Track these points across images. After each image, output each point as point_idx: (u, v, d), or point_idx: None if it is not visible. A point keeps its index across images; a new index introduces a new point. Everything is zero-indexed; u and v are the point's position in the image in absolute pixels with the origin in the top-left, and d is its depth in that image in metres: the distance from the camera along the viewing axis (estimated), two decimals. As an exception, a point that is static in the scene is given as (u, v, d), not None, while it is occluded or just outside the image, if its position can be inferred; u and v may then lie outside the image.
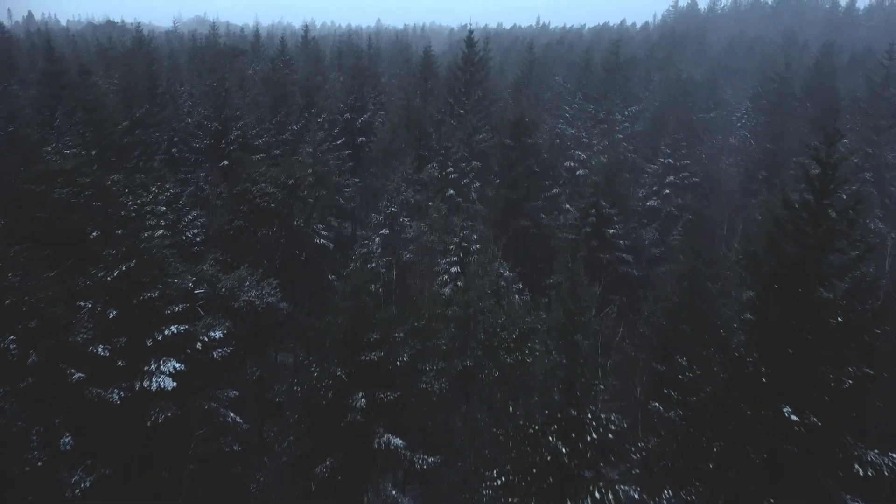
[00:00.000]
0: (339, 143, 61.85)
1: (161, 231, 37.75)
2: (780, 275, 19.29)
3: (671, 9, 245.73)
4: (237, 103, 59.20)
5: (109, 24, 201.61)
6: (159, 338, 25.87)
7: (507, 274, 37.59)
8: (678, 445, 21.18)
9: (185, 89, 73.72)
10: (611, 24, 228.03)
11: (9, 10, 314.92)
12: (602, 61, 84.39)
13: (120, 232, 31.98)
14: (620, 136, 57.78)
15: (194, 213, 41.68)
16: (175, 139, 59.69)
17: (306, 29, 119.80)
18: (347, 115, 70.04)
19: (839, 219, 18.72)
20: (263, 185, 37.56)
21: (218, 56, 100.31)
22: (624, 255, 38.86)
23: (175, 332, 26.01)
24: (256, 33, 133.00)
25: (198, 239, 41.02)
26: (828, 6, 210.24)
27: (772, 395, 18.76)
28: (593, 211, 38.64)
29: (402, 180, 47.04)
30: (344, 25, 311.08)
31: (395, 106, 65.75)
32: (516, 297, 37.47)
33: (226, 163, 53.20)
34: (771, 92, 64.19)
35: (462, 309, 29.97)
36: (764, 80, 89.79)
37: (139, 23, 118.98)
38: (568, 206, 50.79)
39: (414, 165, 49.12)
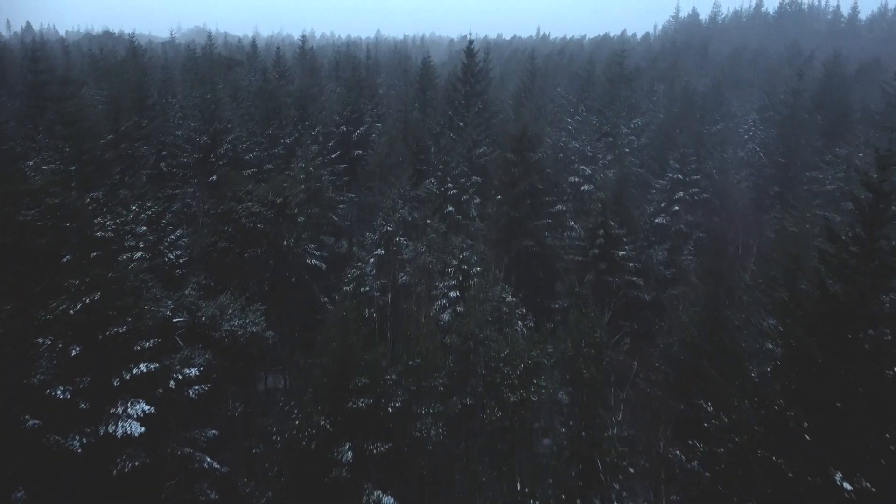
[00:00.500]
0: (333, 156, 59.56)
1: (140, 254, 35.68)
2: (825, 316, 16.83)
3: (672, 19, 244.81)
4: (228, 116, 57.02)
5: (106, 34, 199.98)
6: (127, 377, 23.42)
7: (509, 299, 35.20)
8: (705, 506, 18.73)
9: (177, 101, 71.61)
10: (611, 34, 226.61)
11: (7, 20, 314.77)
12: (606, 72, 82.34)
13: (95, 255, 29.84)
14: (626, 149, 55.52)
15: (178, 233, 39.35)
16: (163, 153, 57.46)
17: (304, 39, 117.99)
18: (343, 128, 67.74)
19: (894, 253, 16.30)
20: (250, 203, 35.21)
21: (213, 67, 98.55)
22: (634, 279, 36.43)
23: (145, 370, 23.55)
24: (253, 44, 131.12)
25: (181, 261, 38.65)
26: (830, 17, 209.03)
27: (818, 455, 16.31)
28: (601, 231, 36.26)
29: (398, 197, 44.73)
30: (344, 36, 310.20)
31: (393, 118, 63.60)
32: (519, 323, 35.09)
33: (214, 178, 50.96)
34: (782, 104, 61.96)
35: (461, 341, 27.53)
36: (771, 91, 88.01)
37: (133, 33, 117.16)
38: (573, 223, 48.48)
39: (411, 181, 46.81)
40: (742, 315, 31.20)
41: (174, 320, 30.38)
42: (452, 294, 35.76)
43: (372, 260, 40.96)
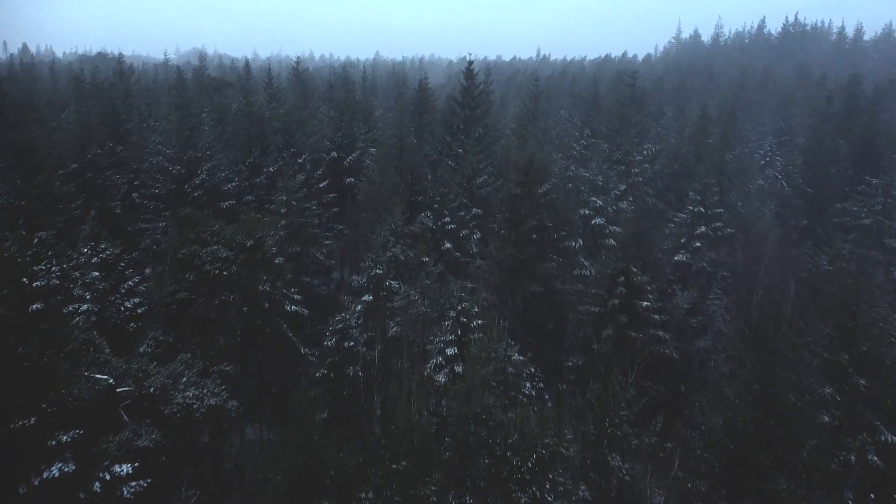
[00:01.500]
0: (321, 185, 54.88)
1: (87, 306, 30.88)
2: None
3: (673, 40, 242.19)
4: (208, 142, 52.52)
5: (100, 56, 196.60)
6: (36, 483, 18.53)
7: (516, 357, 30.30)
8: None
9: (159, 125, 67.15)
10: (613, 55, 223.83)
11: (4, 42, 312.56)
12: (614, 94, 78.29)
13: (36, 307, 25.12)
14: (640, 178, 50.93)
15: (136, 279, 34.57)
16: (135, 182, 52.89)
17: (297, 60, 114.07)
18: (334, 154, 63.23)
19: None
20: (216, 247, 30.42)
21: (201, 89, 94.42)
22: (660, 334, 31.55)
23: (58, 473, 18.65)
24: (247, 65, 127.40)
25: (139, 311, 33.85)
26: (834, 37, 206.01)
27: None
28: (621, 279, 31.45)
29: (389, 234, 39.97)
30: (343, 58, 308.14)
31: (387, 144, 59.15)
32: (527, 385, 30.16)
33: (186, 211, 46.31)
34: (806, 129, 57.49)
35: (459, 424, 22.64)
36: (786, 114, 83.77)
37: (121, 54, 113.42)
38: (583, 260, 43.74)
39: (404, 216, 42.09)
40: (792, 379, 26.30)
41: (119, 390, 25.59)
42: (450, 351, 30.91)
43: (359, 307, 36.15)
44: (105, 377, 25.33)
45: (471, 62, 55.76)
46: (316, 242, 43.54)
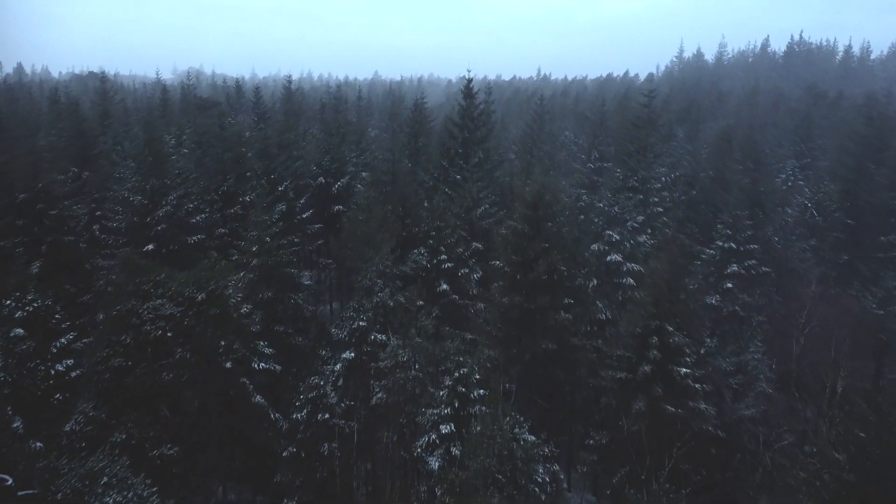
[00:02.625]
0: (305, 215, 49.55)
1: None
2: None
3: (676, 59, 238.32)
4: (178, 168, 47.28)
5: (91, 75, 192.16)
6: None
7: (526, 436, 24.68)
8: None
9: (133, 149, 61.94)
10: (615, 75, 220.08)
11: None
12: (624, 115, 73.31)
13: None
14: (660, 208, 45.58)
15: (71, 336, 29.07)
16: (97, 213, 47.57)
17: (290, 79, 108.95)
18: (321, 180, 58.03)
19: None
20: (160, 301, 24.93)
21: (186, 110, 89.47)
22: (702, 407, 25.93)
23: None
24: (237, 84, 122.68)
25: (73, 374, 28.33)
26: (840, 56, 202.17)
27: None
28: (654, 340, 25.96)
29: (376, 275, 34.52)
30: (341, 77, 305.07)
31: (379, 169, 53.96)
32: (540, 469, 24.51)
33: (151, 247, 40.94)
34: (833, 151, 52.28)
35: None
36: (806, 136, 78.72)
37: (103, 71, 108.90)
38: (600, 304, 38.21)
39: (395, 255, 36.61)
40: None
41: (20, 494, 20.04)
42: (445, 428, 25.32)
43: (338, 366, 30.60)
44: (5, 477, 19.89)
45: (470, 80, 50.66)
46: (293, 285, 38.02)
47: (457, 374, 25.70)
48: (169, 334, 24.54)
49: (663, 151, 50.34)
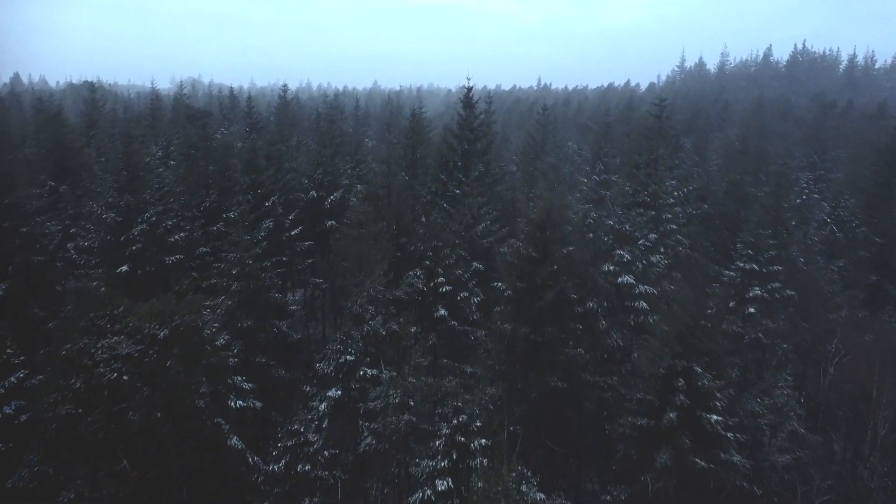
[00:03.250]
0: (294, 232, 46.51)
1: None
2: None
3: (677, 69, 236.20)
4: (158, 182, 44.34)
5: (85, 84, 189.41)
6: None
7: (534, 495, 21.56)
8: None
9: (112, 161, 58.98)
10: (616, 84, 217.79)
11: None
12: (629, 125, 70.66)
13: None
14: (674, 225, 42.56)
15: (22, 372, 25.98)
16: (71, 230, 44.60)
17: (285, 88, 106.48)
18: (313, 193, 54.98)
19: None
20: (116, 339, 21.83)
21: (175, 120, 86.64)
22: (736, 458, 22.77)
23: None
24: (232, 93, 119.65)
25: (22, 418, 25.21)
26: (844, 65, 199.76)
27: None
28: (681, 383, 22.85)
29: (367, 301, 31.50)
30: (340, 87, 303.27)
31: (374, 183, 50.99)
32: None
33: (125, 268, 37.90)
34: (862, 163, 49.35)
35: None
36: (820, 147, 75.91)
37: (91, 81, 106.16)
38: (613, 332, 35.15)
39: (387, 278, 33.55)
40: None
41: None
42: (442, 485, 22.18)
43: (322, 405, 27.51)
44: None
45: (469, 88, 47.73)
46: (278, 310, 34.92)
47: (455, 422, 22.59)
48: (125, 377, 21.42)
49: (674, 164, 47.40)
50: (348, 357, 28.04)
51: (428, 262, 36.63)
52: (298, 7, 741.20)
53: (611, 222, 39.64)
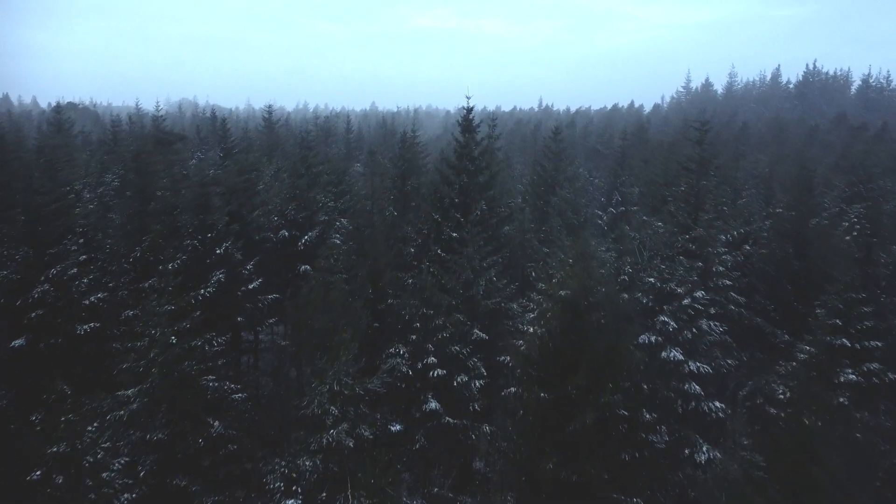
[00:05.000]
0: (252, 286, 37.69)
1: None
2: None
3: (682, 90, 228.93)
4: (80, 225, 35.60)
5: (69, 105, 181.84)
6: None
7: None
8: None
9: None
10: (620, 105, 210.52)
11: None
12: (645, 149, 62.39)
13: None
14: (727, 280, 33.85)
15: None
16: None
17: (270, 109, 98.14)
18: (284, 233, 46.40)
19: None
20: None
21: (141, 144, 78.03)
22: None
23: None
24: (213, 115, 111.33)
25: None
26: (857, 84, 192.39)
27: None
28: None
29: (329, 399, 22.75)
30: (338, 109, 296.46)
31: (356, 222, 42.37)
32: None
33: (20, 342, 29.06)
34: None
35: None
36: (865, 175, 67.24)
37: (55, 103, 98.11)
38: (656, 426, 26.26)
39: (358, 365, 24.63)
40: None
41: None
42: None
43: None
44: None
45: (469, 110, 39.11)
46: (211, 406, 25.98)
47: None
48: None
49: (721, 201, 38.67)
50: (296, 502, 19.15)
51: (415, 337, 27.85)
52: (299, 31, 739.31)
53: (651, 279, 30.88)
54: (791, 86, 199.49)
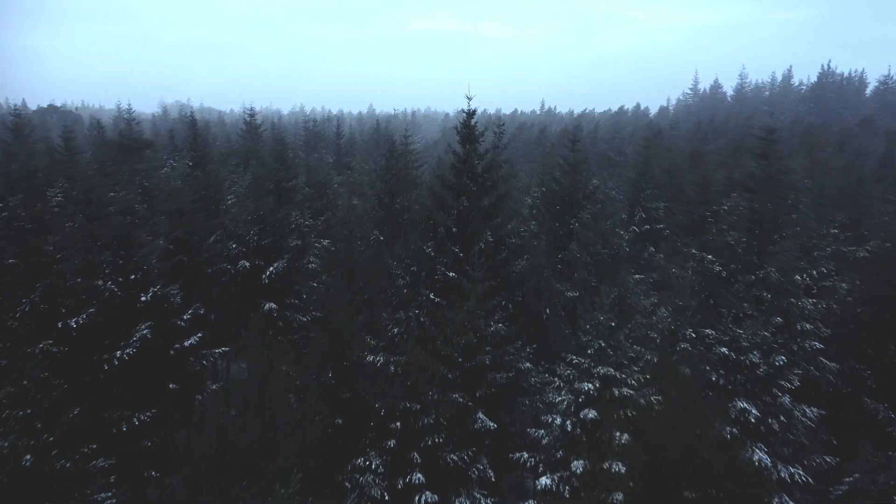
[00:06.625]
0: (190, 343, 29.15)
1: None
2: None
3: (690, 91, 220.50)
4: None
5: (51, 108, 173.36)
6: None
7: None
8: None
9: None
10: (626, 107, 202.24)
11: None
12: (672, 159, 54.62)
13: None
14: (817, 342, 25.40)
15: None
16: None
17: (251, 113, 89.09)
18: (245, 264, 37.81)
19: None
20: None
21: (106, 150, 69.52)
22: None
23: None
24: (192, 119, 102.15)
25: None
26: (873, 86, 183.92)
27: None
28: None
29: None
30: (335, 111, 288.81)
31: (330, 258, 33.97)
32: None
33: None
34: None
35: None
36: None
37: (16, 105, 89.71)
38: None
39: (301, 487, 16.19)
40: None
41: None
42: None
43: None
44: None
45: (471, 113, 30.55)
46: None
47: None
48: None
49: (796, 231, 29.98)
50: None
51: (393, 443, 19.37)
52: (298, 35, 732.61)
53: (724, 349, 22.44)
54: (804, 88, 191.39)
